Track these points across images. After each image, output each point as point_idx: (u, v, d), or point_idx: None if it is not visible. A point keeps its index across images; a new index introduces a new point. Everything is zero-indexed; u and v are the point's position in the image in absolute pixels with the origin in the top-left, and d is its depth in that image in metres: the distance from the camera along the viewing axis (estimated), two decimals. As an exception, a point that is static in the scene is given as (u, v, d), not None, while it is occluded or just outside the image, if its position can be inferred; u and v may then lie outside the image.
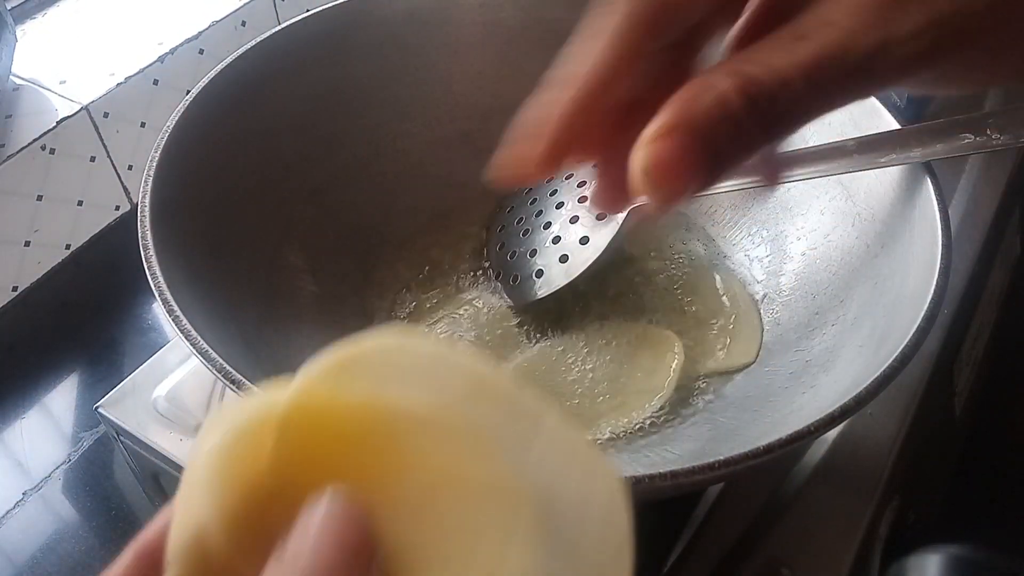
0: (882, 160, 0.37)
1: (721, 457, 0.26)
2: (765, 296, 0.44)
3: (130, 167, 0.65)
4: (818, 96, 0.20)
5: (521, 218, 0.47)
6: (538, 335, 0.44)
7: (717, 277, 0.46)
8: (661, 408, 0.40)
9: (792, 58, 0.19)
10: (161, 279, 0.32)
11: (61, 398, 0.58)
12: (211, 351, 0.29)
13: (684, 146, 0.20)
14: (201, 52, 0.68)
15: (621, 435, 0.39)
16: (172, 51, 0.66)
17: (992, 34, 0.20)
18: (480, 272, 0.47)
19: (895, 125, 0.38)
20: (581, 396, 0.41)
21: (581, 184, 0.45)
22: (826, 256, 0.42)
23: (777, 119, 0.20)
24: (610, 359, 0.42)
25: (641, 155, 0.20)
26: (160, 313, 0.57)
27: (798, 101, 0.20)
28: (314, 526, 0.15)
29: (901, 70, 0.20)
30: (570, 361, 0.42)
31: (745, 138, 0.20)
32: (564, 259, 0.43)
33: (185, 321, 0.30)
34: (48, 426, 0.56)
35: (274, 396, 0.17)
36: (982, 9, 0.19)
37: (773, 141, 0.21)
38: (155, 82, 0.65)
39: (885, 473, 0.40)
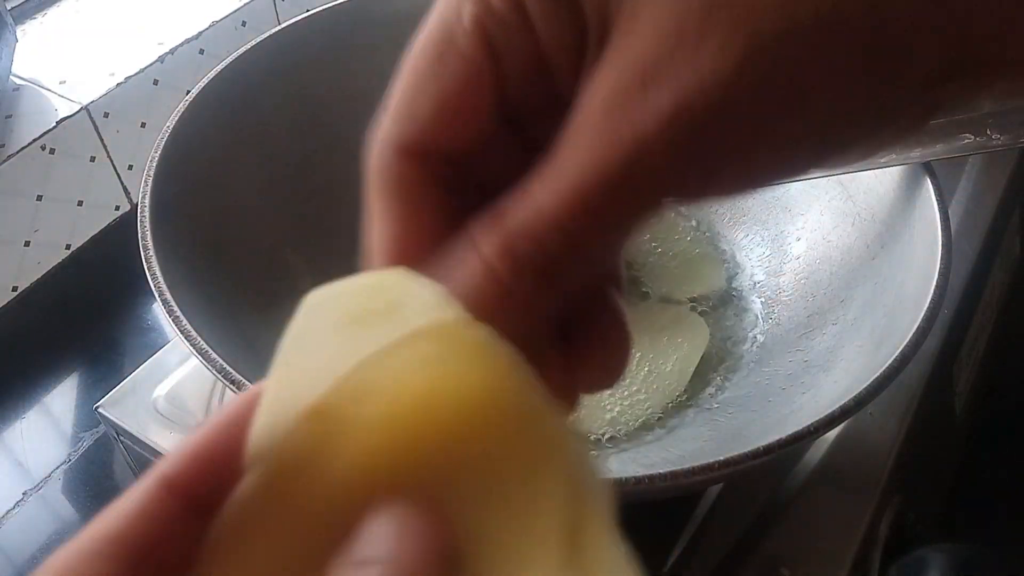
0: (882, 160, 0.37)
1: (721, 457, 0.26)
2: (765, 296, 0.44)
3: (130, 167, 0.65)
4: (587, 233, 0.15)
5: (521, 218, 0.47)
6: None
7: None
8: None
9: (553, 196, 0.15)
10: (161, 279, 0.32)
11: (61, 398, 0.58)
12: (211, 351, 0.29)
13: None
14: (201, 52, 0.68)
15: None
16: (172, 51, 0.66)
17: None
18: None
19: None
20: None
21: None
22: (826, 256, 0.42)
23: (549, 277, 0.16)
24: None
25: None
26: (160, 313, 0.57)
27: (567, 250, 0.15)
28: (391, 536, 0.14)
29: (674, 166, 0.15)
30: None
31: (523, 305, 0.16)
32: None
33: (185, 321, 0.30)
34: (48, 426, 0.56)
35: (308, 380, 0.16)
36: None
37: (553, 298, 0.16)
38: (155, 82, 0.65)
39: (885, 473, 0.40)
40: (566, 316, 0.18)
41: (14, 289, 0.61)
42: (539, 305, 0.16)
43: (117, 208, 0.66)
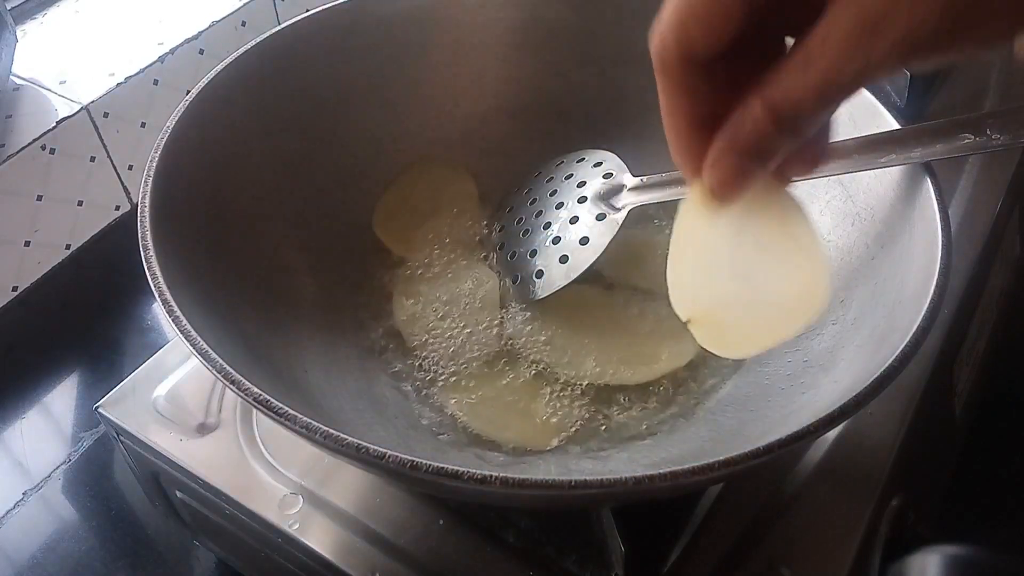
0: (882, 160, 0.37)
1: (721, 457, 0.26)
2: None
3: (130, 167, 0.65)
4: (828, 104, 0.24)
5: (521, 218, 0.47)
6: (545, 329, 0.44)
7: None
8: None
9: (803, 83, 0.24)
10: (161, 279, 0.31)
11: (61, 398, 0.58)
12: (211, 351, 0.29)
13: (737, 166, 0.27)
14: (201, 52, 0.68)
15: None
16: (172, 51, 0.66)
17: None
18: (481, 274, 0.47)
19: (895, 125, 0.38)
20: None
21: (581, 184, 0.45)
22: (826, 256, 0.42)
23: (799, 130, 0.25)
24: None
25: (707, 177, 0.28)
26: (160, 313, 0.57)
27: (813, 115, 0.25)
28: None
29: (892, 69, 0.23)
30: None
31: (777, 146, 0.26)
32: (564, 259, 0.43)
33: (185, 321, 0.30)
34: (48, 426, 0.56)
35: None
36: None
37: (799, 141, 0.26)
38: (155, 82, 0.65)
39: (885, 473, 0.40)
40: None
41: (14, 289, 0.61)
42: (790, 144, 0.26)
43: (117, 208, 0.66)
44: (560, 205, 0.45)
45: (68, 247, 0.63)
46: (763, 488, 0.39)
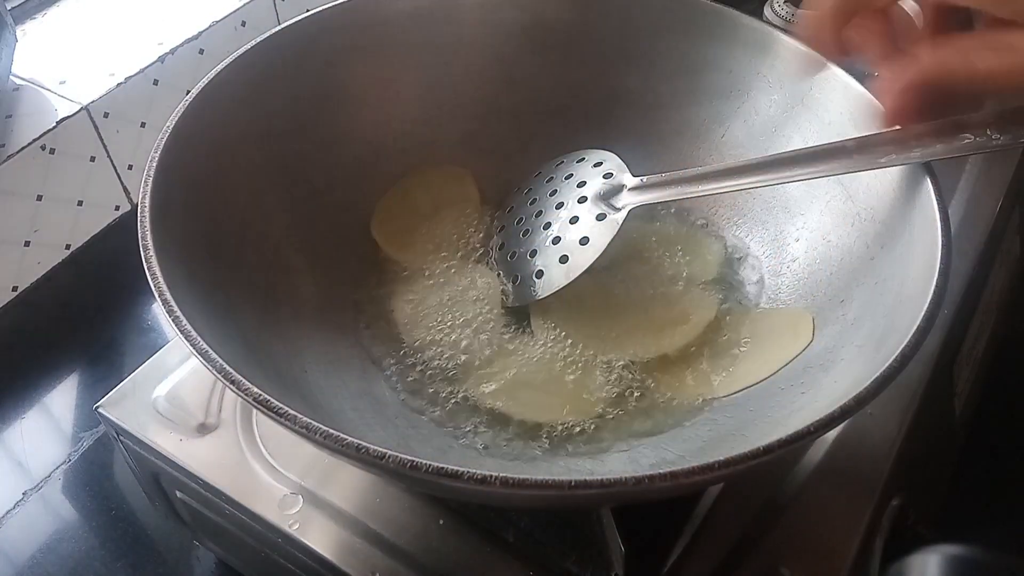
0: (882, 160, 0.37)
1: (721, 457, 0.26)
2: (764, 296, 0.44)
3: (130, 167, 0.65)
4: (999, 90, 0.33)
5: (521, 218, 0.47)
6: (548, 327, 0.44)
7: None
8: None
9: (992, 65, 0.32)
10: (161, 279, 0.31)
11: (61, 398, 0.58)
12: (211, 351, 0.29)
13: (910, 104, 0.35)
14: (201, 52, 0.68)
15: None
16: (172, 51, 0.66)
17: None
18: (481, 275, 0.47)
19: (895, 125, 0.38)
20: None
21: (581, 184, 0.45)
22: (826, 256, 0.42)
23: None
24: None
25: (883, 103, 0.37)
26: (160, 313, 0.57)
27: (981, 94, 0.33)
28: None
29: None
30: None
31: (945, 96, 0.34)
32: (564, 260, 0.43)
33: (185, 321, 0.30)
34: (48, 426, 0.57)
35: None
36: None
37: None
38: (155, 82, 0.65)
39: (885, 473, 0.40)
40: None
41: (14, 289, 0.61)
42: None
43: (117, 208, 0.66)
44: (560, 205, 0.45)
45: (68, 247, 0.63)
46: (763, 488, 0.39)
